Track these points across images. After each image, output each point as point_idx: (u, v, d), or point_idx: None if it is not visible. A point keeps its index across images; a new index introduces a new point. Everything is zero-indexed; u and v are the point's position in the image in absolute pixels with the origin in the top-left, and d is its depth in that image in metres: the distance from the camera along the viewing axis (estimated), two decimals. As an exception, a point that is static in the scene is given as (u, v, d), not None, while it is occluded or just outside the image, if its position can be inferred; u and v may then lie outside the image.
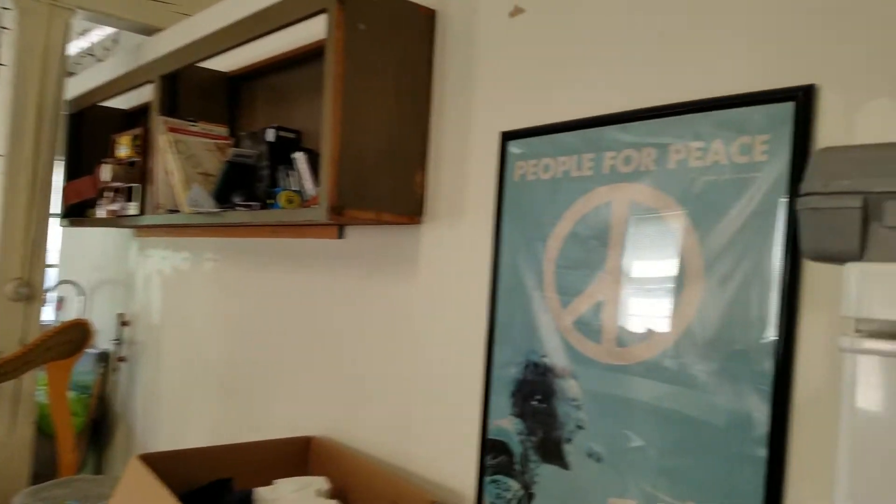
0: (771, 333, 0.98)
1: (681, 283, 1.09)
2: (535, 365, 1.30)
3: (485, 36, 1.45)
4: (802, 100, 0.97)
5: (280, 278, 2.06)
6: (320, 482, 1.53)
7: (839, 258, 0.68)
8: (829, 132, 0.95)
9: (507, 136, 1.38)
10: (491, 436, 1.37)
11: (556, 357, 1.26)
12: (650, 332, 1.13)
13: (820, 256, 0.71)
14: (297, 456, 1.75)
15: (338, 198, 1.40)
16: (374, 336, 1.69)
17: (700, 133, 1.08)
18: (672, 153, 1.12)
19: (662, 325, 1.11)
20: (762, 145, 1.01)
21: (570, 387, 1.24)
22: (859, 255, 0.65)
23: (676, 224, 1.10)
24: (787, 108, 0.98)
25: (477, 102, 1.46)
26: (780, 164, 0.99)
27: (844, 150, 0.69)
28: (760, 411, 0.99)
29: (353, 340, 1.76)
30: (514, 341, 1.34)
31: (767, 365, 0.99)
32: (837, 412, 0.92)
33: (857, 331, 0.63)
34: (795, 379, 0.97)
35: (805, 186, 0.70)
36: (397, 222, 1.55)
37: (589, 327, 1.21)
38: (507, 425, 1.34)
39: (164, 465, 1.52)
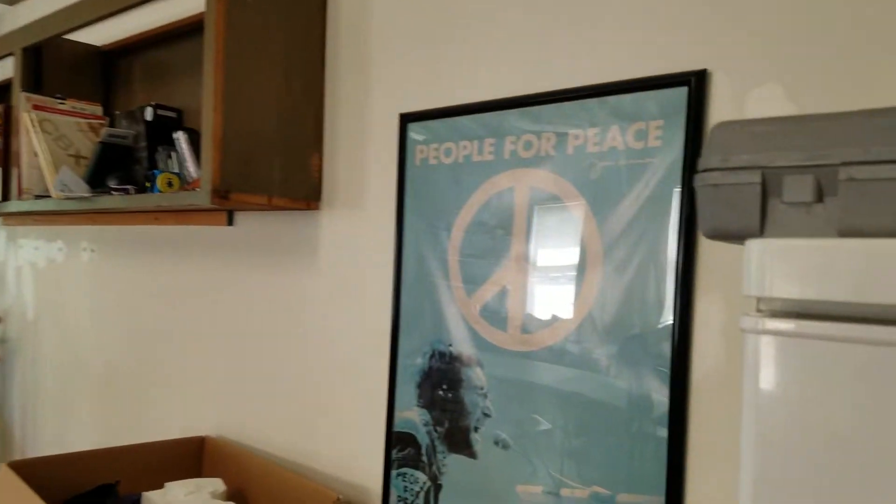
0: (668, 316, 1.00)
1: (581, 268, 1.09)
2: (442, 354, 1.27)
3: (380, 12, 1.38)
4: (695, 85, 0.97)
5: (166, 269, 1.92)
6: (215, 484, 1.45)
7: (738, 236, 0.66)
8: (720, 117, 0.96)
9: (407, 119, 1.32)
10: (397, 428, 1.33)
11: (462, 346, 1.24)
12: (554, 319, 1.12)
13: (718, 234, 0.69)
14: (189, 458, 1.65)
15: (221, 180, 1.30)
16: (272, 329, 1.61)
17: (597, 119, 1.07)
18: (571, 139, 1.10)
19: (565, 311, 1.10)
20: (656, 131, 1.01)
21: (476, 375, 1.22)
22: (759, 233, 0.63)
23: (576, 210, 1.09)
24: (681, 94, 0.98)
25: (374, 82, 1.39)
26: (675, 150, 0.99)
27: (743, 125, 0.66)
28: (660, 393, 1.00)
29: (249, 334, 1.67)
30: (420, 331, 1.30)
31: (665, 347, 1.00)
32: (733, 391, 0.95)
33: (759, 310, 0.61)
34: (692, 360, 0.98)
35: (703, 162, 0.68)
36: (292, 208, 1.46)
37: (494, 315, 1.19)
38: (414, 416, 1.31)
39: (39, 473, 1.41)
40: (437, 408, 1.27)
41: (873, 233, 0.56)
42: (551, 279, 1.13)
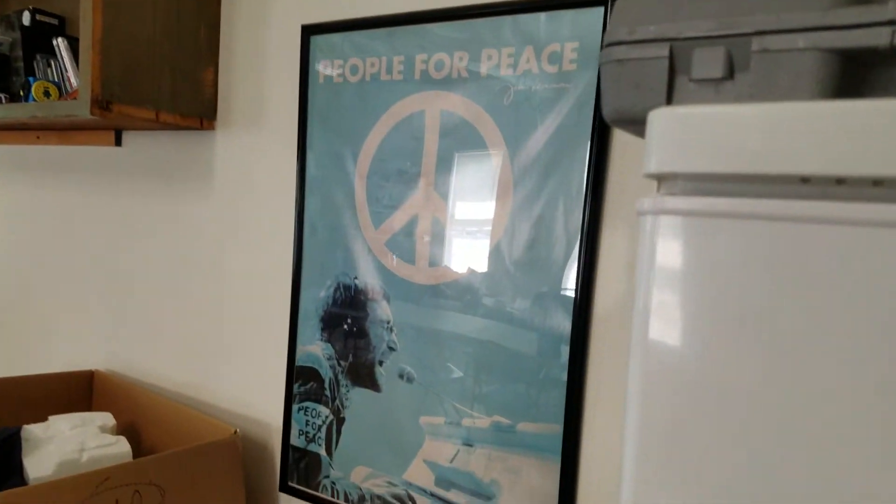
0: (575, 250, 0.97)
1: (492, 199, 1.04)
2: (346, 287, 1.21)
3: (285, -89, 1.25)
4: (613, 4, 0.91)
5: (51, 193, 1.76)
6: (104, 418, 1.36)
7: (642, 120, 0.58)
8: (638, 42, 0.92)
9: (309, 31, 1.22)
10: (300, 363, 1.28)
11: (368, 278, 1.19)
12: (462, 251, 1.08)
13: (621, 118, 0.62)
14: (78, 392, 1.55)
15: (102, 89, 1.17)
16: (166, 258, 1.50)
17: (511, 39, 1.01)
18: (484, 60, 1.04)
19: (475, 243, 1.06)
20: (572, 53, 0.96)
21: (382, 308, 1.17)
22: None
23: (488, 138, 1.04)
24: (598, 14, 0.93)
25: (275, -10, 1.27)
26: (590, 75, 0.94)
27: None
28: (564, 325, 0.99)
29: (142, 263, 1.56)
30: (324, 262, 1.24)
31: (571, 280, 0.98)
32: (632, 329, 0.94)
33: (660, 191, 0.52)
34: (596, 293, 0.97)
35: (608, 36, 0.61)
36: (183, 126, 1.34)
37: (402, 247, 1.14)
38: (317, 351, 1.26)
39: None
40: (340, 342, 1.23)
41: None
42: (461, 210, 1.08)
